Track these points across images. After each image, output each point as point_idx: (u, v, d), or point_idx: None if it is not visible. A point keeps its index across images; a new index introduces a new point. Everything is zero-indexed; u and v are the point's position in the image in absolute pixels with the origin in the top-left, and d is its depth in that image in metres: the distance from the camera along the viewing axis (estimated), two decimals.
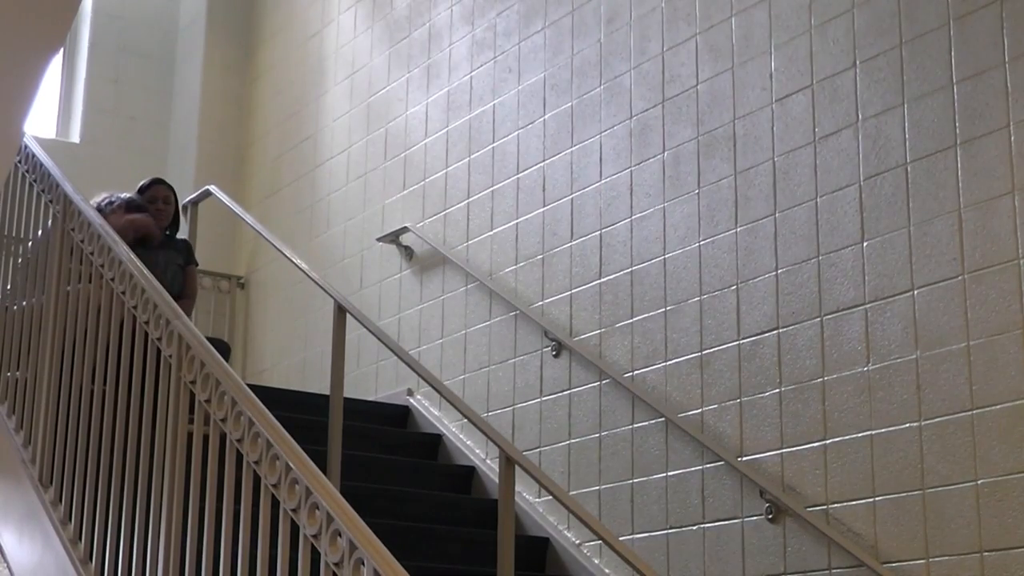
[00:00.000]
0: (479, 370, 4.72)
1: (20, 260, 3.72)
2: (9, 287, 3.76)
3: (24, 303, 3.57)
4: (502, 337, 4.65)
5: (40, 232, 3.68)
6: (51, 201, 3.60)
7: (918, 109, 3.44)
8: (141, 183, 4.54)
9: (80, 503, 3.04)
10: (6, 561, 3.34)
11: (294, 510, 2.13)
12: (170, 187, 4.57)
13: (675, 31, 4.21)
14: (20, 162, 3.84)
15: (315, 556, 2.07)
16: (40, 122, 6.61)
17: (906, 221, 3.42)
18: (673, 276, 4.04)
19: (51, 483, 3.21)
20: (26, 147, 3.81)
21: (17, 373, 3.56)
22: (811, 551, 3.45)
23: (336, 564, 1.99)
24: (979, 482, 3.13)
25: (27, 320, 3.55)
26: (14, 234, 3.86)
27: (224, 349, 4.35)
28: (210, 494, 2.45)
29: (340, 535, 2.00)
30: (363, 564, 1.94)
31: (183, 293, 4.38)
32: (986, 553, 3.08)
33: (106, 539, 2.87)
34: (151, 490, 2.70)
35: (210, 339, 3.28)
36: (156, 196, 4.46)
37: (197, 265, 4.58)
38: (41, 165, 3.70)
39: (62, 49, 6.71)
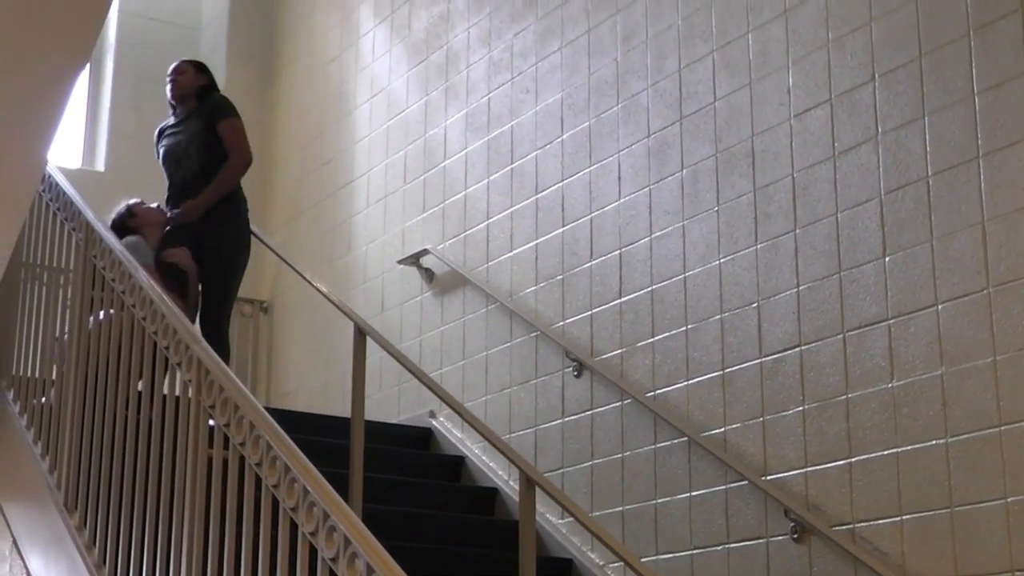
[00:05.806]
0: (501, 391, 4.71)
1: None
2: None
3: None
4: (523, 358, 4.64)
5: None
6: (74, 229, 3.65)
7: (939, 122, 3.41)
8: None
9: (104, 528, 3.06)
10: None
11: (312, 533, 2.13)
12: (177, 67, 4.65)
13: (691, 48, 4.21)
14: (44, 191, 3.90)
15: None
16: (66, 153, 6.71)
17: (928, 235, 3.38)
18: (693, 294, 4.02)
19: (76, 508, 3.24)
20: (49, 176, 3.87)
21: (43, 400, 3.60)
22: (837, 571, 3.40)
23: None
24: (1009, 500, 3.07)
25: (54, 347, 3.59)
26: (39, 261, 3.91)
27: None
28: (230, 518, 2.46)
29: (357, 558, 2.00)
30: None
31: (225, 154, 4.46)
32: (1018, 573, 3.02)
33: (129, 564, 2.88)
34: (172, 514, 2.72)
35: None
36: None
37: (234, 117, 4.53)
38: (64, 194, 3.75)
39: (87, 80, 6.83)
